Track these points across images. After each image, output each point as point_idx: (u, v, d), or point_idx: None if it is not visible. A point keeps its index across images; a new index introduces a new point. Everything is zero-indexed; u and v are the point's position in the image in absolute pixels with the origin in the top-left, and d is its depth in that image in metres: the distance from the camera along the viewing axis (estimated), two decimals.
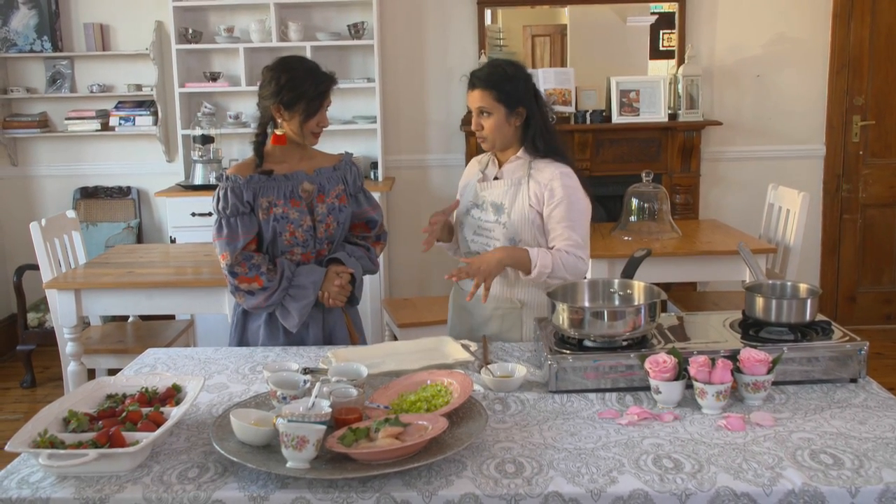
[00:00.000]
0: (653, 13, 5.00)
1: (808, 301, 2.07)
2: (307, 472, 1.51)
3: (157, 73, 4.93)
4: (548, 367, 1.95)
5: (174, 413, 1.71)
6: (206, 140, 4.67)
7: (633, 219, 4.05)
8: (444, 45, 5.01)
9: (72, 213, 3.97)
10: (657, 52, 5.04)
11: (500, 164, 2.56)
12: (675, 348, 1.93)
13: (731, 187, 5.10)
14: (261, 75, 2.51)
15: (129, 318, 4.15)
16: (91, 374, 3.59)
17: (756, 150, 5.07)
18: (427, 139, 5.11)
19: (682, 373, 1.86)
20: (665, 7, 4.98)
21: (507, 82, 2.44)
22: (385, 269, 4.79)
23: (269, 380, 1.80)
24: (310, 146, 2.57)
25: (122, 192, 5.12)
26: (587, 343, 2.00)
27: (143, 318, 4.17)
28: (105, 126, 5.01)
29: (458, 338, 2.38)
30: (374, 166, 4.90)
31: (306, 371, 2.04)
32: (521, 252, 2.41)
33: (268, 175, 2.46)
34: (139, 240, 5.06)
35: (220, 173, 2.60)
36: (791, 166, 5.05)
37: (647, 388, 1.90)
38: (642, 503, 1.47)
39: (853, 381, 1.97)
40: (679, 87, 4.84)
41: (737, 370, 1.85)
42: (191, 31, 4.81)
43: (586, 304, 2.19)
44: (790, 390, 1.93)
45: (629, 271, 2.29)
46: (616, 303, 2.17)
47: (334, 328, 2.58)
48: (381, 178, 4.88)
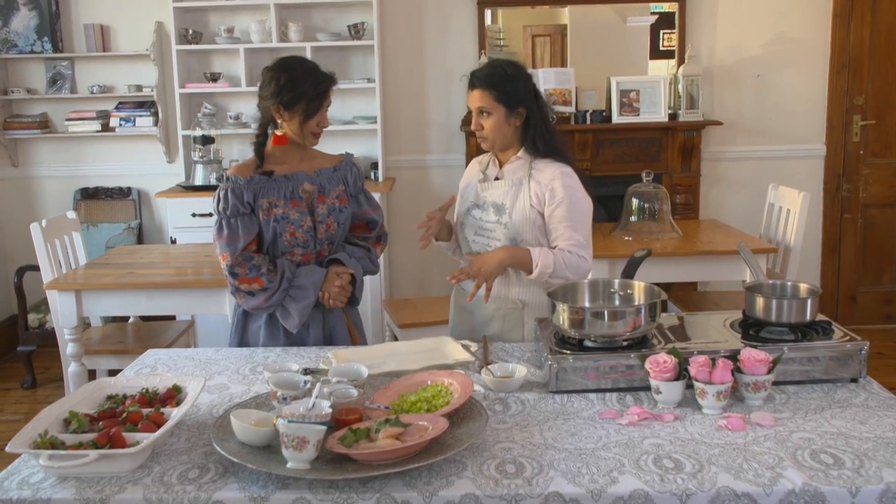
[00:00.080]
0: (653, 13, 5.00)
1: (809, 301, 2.08)
2: (307, 472, 1.51)
3: (157, 73, 4.93)
4: (548, 367, 1.95)
5: (175, 414, 1.71)
6: (207, 141, 4.67)
7: (633, 219, 4.05)
8: (445, 45, 5.02)
9: (72, 214, 3.98)
10: (657, 52, 5.04)
11: (501, 165, 2.56)
12: (676, 348, 1.93)
13: (731, 187, 5.10)
14: (261, 76, 2.51)
15: (130, 319, 4.15)
16: (92, 374, 3.59)
17: (756, 149, 5.06)
18: (427, 139, 5.11)
19: (682, 373, 1.86)
20: (665, 7, 4.98)
21: (506, 82, 2.43)
22: (385, 270, 4.79)
23: (270, 380, 1.80)
24: (310, 147, 2.57)
25: (123, 193, 5.12)
26: (587, 343, 2.01)
27: (144, 318, 4.18)
28: (105, 127, 5.01)
29: (459, 338, 2.37)
30: (375, 167, 4.90)
31: (307, 372, 2.04)
32: (523, 252, 2.41)
33: (268, 176, 2.46)
34: (140, 240, 5.06)
35: (220, 174, 2.60)
36: (791, 166, 5.05)
37: (647, 389, 1.90)
38: (643, 503, 1.47)
39: (854, 380, 1.97)
40: (679, 87, 4.84)
41: (737, 370, 1.85)
42: (191, 31, 4.82)
43: (587, 304, 2.19)
44: (791, 390, 1.93)
45: (629, 271, 2.29)
46: (616, 303, 2.17)
47: (335, 329, 2.58)
48: (381, 179, 4.88)
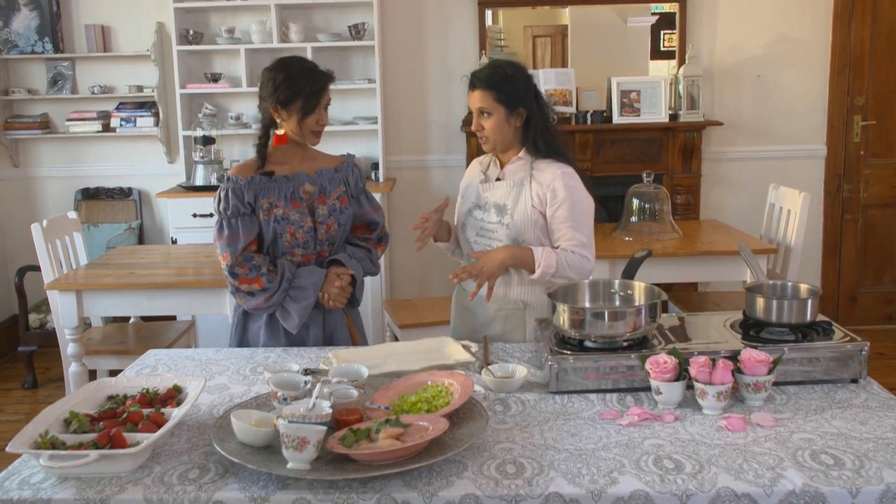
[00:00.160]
0: (653, 14, 5.00)
1: (809, 301, 2.07)
2: (308, 472, 1.51)
3: (158, 74, 4.94)
4: (548, 367, 1.95)
5: (175, 414, 1.71)
6: (207, 141, 4.67)
7: (633, 219, 4.05)
8: (445, 45, 5.02)
9: (73, 215, 3.98)
10: (658, 53, 5.04)
11: (502, 165, 2.56)
12: (676, 349, 1.92)
13: (731, 187, 5.10)
14: (260, 77, 2.51)
15: (131, 319, 4.15)
16: (92, 375, 3.59)
17: (757, 150, 5.06)
18: (428, 140, 5.12)
19: (682, 373, 1.86)
20: (666, 7, 4.98)
21: (507, 83, 2.43)
22: (386, 270, 4.79)
23: (270, 381, 1.80)
24: (311, 147, 2.56)
25: (124, 193, 5.13)
26: (588, 344, 2.01)
27: (145, 319, 4.18)
28: (106, 127, 5.01)
29: (460, 339, 2.37)
30: (375, 167, 4.90)
31: (307, 372, 2.04)
32: (526, 251, 2.41)
33: (269, 176, 2.46)
34: (140, 241, 5.07)
35: (221, 174, 2.60)
36: (792, 166, 5.05)
37: (647, 389, 1.90)
38: None
39: (854, 381, 1.97)
40: (680, 88, 4.84)
41: (737, 371, 1.85)
42: (192, 32, 4.82)
43: (587, 304, 2.19)
44: (791, 391, 1.93)
45: (630, 272, 2.29)
46: (617, 303, 2.17)
47: (335, 329, 2.58)
48: (381, 179, 4.89)
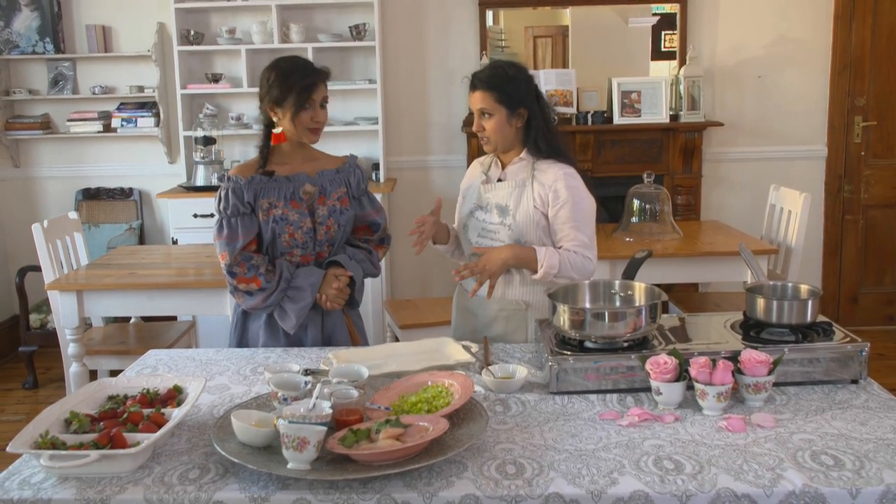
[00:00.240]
0: (654, 14, 5.00)
1: (809, 302, 2.07)
2: (308, 473, 1.51)
3: (158, 74, 4.94)
4: (549, 368, 1.95)
5: (175, 414, 1.71)
6: (208, 141, 4.67)
7: (634, 220, 4.05)
8: (446, 46, 5.02)
9: (74, 215, 3.98)
10: (659, 53, 5.04)
11: (503, 166, 2.56)
12: (676, 349, 1.92)
13: (732, 188, 5.09)
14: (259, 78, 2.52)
15: (131, 320, 4.15)
16: (93, 375, 3.59)
17: (758, 150, 5.06)
18: (429, 140, 5.12)
19: (682, 374, 1.86)
20: (666, 8, 4.98)
21: (508, 83, 2.43)
22: (387, 271, 4.79)
23: (270, 381, 1.80)
24: (313, 148, 2.56)
25: (124, 194, 5.13)
26: (588, 344, 2.01)
27: (145, 319, 4.18)
28: (107, 127, 5.02)
29: (461, 340, 2.37)
30: (376, 167, 4.90)
31: (307, 372, 2.04)
32: (528, 251, 2.41)
33: (269, 176, 2.47)
34: (141, 241, 5.07)
35: (221, 174, 2.60)
36: (793, 167, 5.05)
37: (647, 390, 1.90)
38: None
39: (854, 382, 1.97)
40: (680, 88, 4.84)
41: (738, 371, 1.85)
42: (192, 32, 4.82)
43: (587, 305, 2.19)
44: (791, 391, 1.93)
45: (630, 272, 2.29)
46: (617, 304, 2.17)
47: (334, 330, 2.57)
48: (382, 180, 4.89)
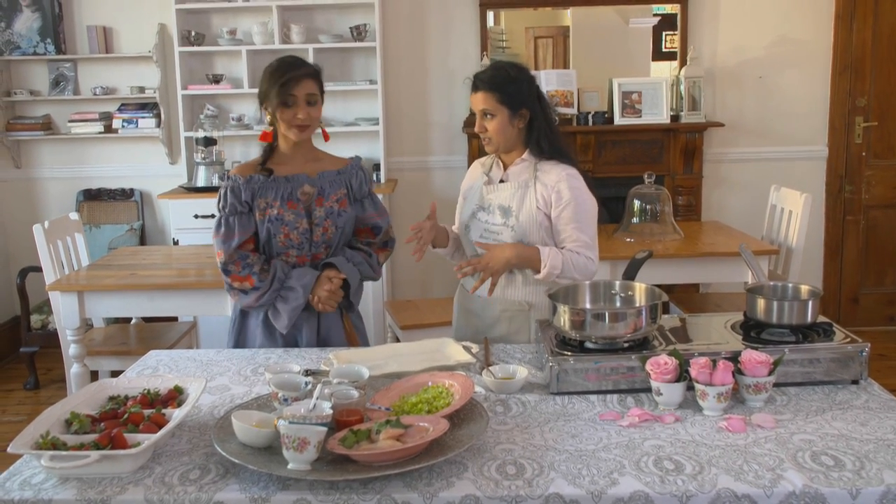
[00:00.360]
0: (655, 15, 5.00)
1: (810, 302, 2.07)
2: (308, 473, 1.51)
3: (159, 75, 4.94)
4: (549, 368, 1.95)
5: (176, 415, 1.71)
6: (209, 142, 4.67)
7: (635, 220, 4.05)
8: (447, 46, 5.02)
9: (75, 216, 3.98)
10: (659, 54, 5.04)
11: (505, 167, 2.56)
12: (677, 350, 1.92)
13: (733, 189, 5.09)
14: None
15: (132, 320, 4.15)
16: (94, 375, 3.59)
17: (758, 151, 5.06)
18: (429, 141, 5.12)
19: (683, 374, 1.86)
20: (667, 9, 4.98)
21: (510, 84, 2.43)
22: (387, 271, 4.79)
23: (271, 381, 1.81)
24: (315, 147, 2.56)
25: (125, 195, 5.13)
26: (588, 345, 2.01)
27: (146, 320, 4.18)
28: (108, 128, 5.02)
29: (463, 340, 2.37)
30: (377, 168, 4.90)
31: (308, 373, 2.04)
32: (532, 251, 2.41)
33: (267, 175, 2.47)
34: (142, 242, 5.07)
35: (222, 175, 2.61)
36: (794, 168, 5.05)
37: (648, 390, 1.90)
38: None
39: (854, 382, 1.97)
40: (681, 89, 4.84)
41: (738, 372, 1.85)
42: (193, 33, 4.82)
43: (587, 305, 2.19)
44: (791, 392, 1.93)
45: (631, 273, 2.29)
46: (617, 304, 2.17)
47: (329, 332, 2.56)
48: (383, 181, 4.89)
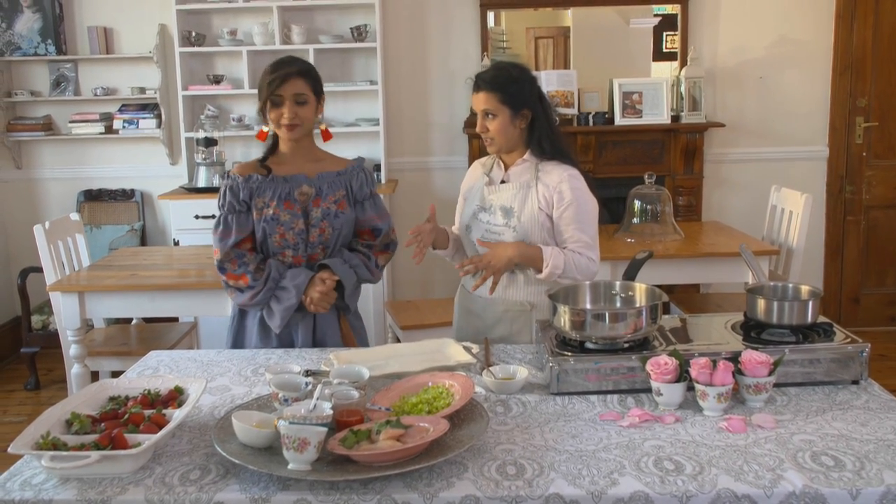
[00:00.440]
0: (656, 15, 5.00)
1: (810, 303, 2.07)
2: (308, 473, 1.52)
3: (160, 75, 4.95)
4: (549, 369, 1.95)
5: (176, 415, 1.71)
6: (210, 143, 4.68)
7: (635, 220, 4.05)
8: (447, 47, 5.02)
9: (75, 216, 3.98)
10: (660, 54, 5.04)
11: (506, 167, 2.56)
12: (677, 350, 1.92)
13: (733, 189, 5.09)
14: None
15: (133, 321, 4.15)
16: (94, 376, 3.59)
17: (759, 151, 5.06)
18: (430, 141, 5.12)
19: (683, 375, 1.86)
20: (668, 9, 4.98)
21: (511, 84, 2.43)
22: (388, 272, 4.79)
23: (271, 382, 1.81)
24: (317, 147, 2.57)
25: (126, 195, 5.13)
26: (589, 345, 2.01)
27: (147, 320, 4.18)
28: (109, 129, 5.02)
29: (464, 341, 2.37)
30: (378, 169, 4.91)
31: (308, 373, 2.04)
32: (534, 250, 2.41)
33: (265, 174, 2.47)
34: (143, 242, 5.07)
35: (223, 175, 2.61)
36: (794, 168, 5.05)
37: (648, 390, 1.90)
38: None
39: (855, 382, 1.97)
40: (682, 89, 4.84)
41: (738, 372, 1.85)
42: (194, 33, 4.83)
43: (588, 306, 2.19)
44: (791, 392, 1.93)
45: (631, 273, 2.29)
46: (618, 305, 2.17)
47: (325, 333, 2.55)
48: (384, 181, 4.89)
